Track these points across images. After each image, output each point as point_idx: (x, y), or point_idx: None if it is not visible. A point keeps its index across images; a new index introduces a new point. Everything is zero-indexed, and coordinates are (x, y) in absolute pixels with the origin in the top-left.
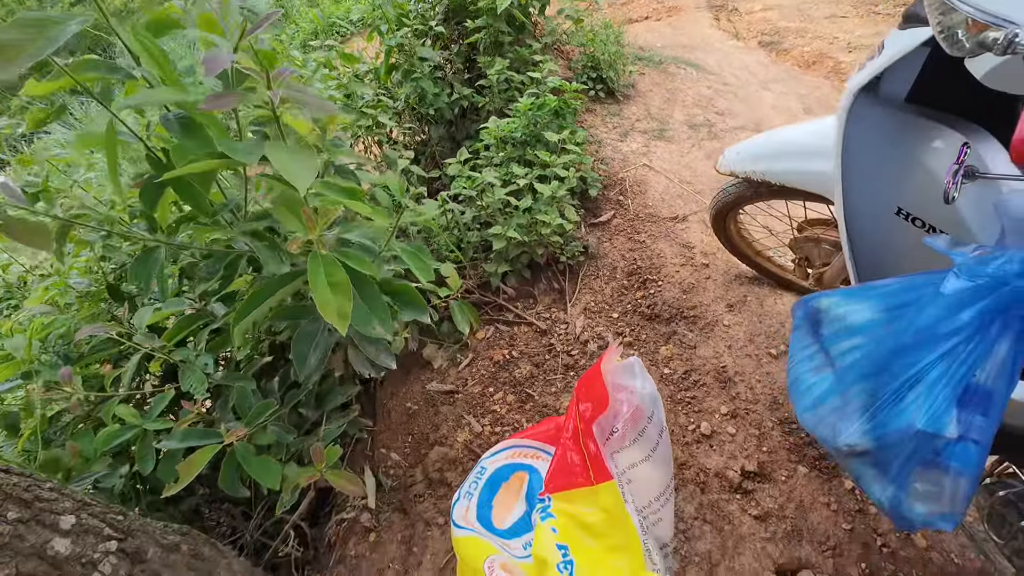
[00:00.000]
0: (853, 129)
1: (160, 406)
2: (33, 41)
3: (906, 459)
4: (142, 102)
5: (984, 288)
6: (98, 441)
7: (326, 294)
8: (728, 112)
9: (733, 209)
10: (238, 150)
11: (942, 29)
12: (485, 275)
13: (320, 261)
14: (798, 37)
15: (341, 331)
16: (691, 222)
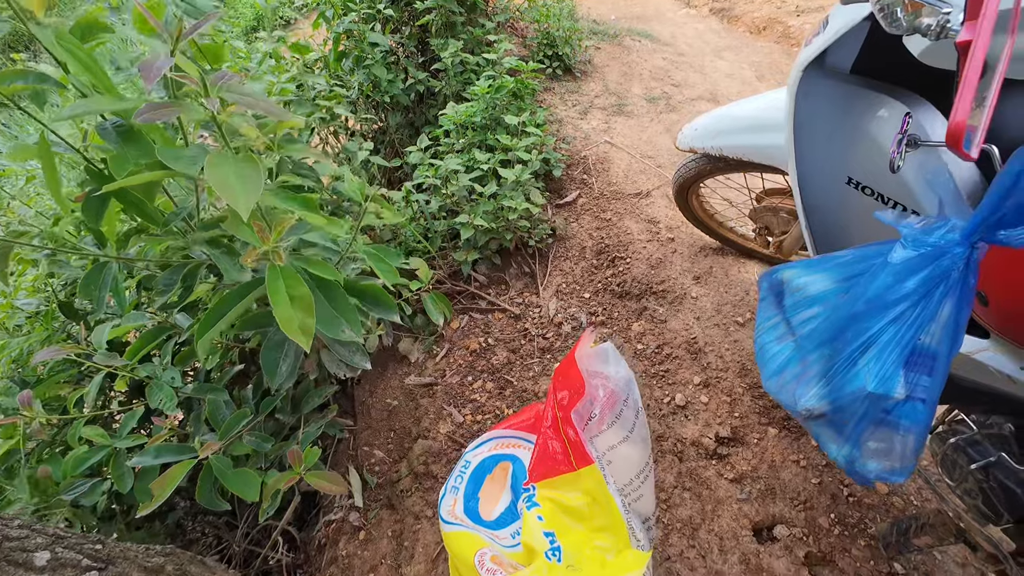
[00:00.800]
0: (802, 102)
1: (130, 423)
2: None
3: (859, 419)
4: (75, 113)
5: (928, 256)
6: (67, 465)
7: (287, 309)
8: (684, 83)
9: (694, 183)
10: (180, 159)
11: (881, 7)
12: (455, 264)
13: (279, 274)
14: (748, 3)
15: (305, 347)
16: (655, 197)
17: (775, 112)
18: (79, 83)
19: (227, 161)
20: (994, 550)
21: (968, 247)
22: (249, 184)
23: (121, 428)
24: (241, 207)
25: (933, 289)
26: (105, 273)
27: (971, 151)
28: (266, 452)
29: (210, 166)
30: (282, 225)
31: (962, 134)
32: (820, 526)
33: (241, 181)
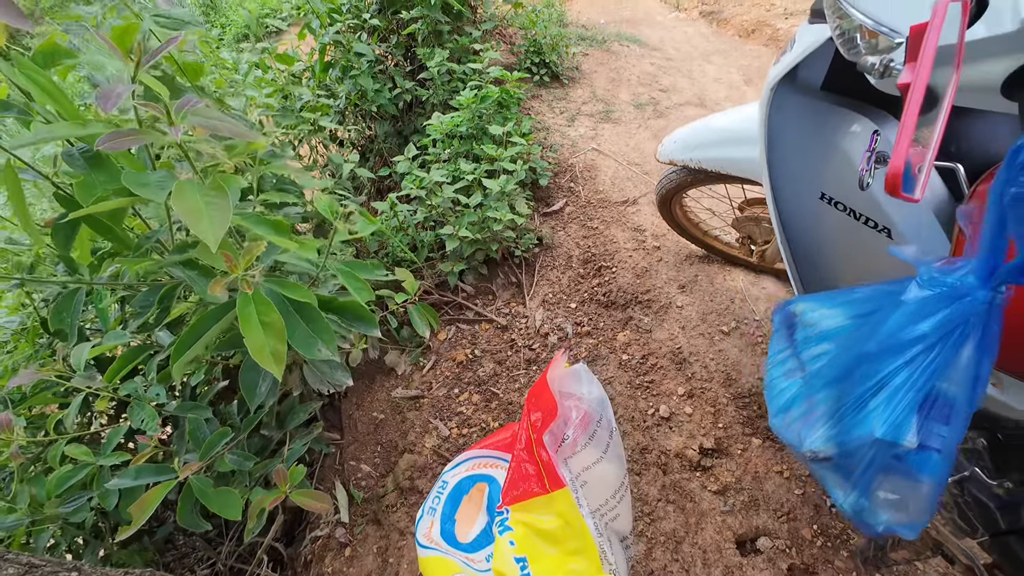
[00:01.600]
0: (775, 117)
1: (114, 441)
2: None
3: (867, 466)
4: (36, 140)
5: (945, 298)
6: (50, 484)
7: (259, 336)
8: (672, 88)
9: (677, 194)
10: (147, 186)
11: (840, 33)
12: (442, 274)
13: (250, 300)
14: (737, 5)
15: (276, 374)
16: (641, 204)
17: (751, 125)
18: (43, 111)
19: (194, 189)
20: (970, 563)
21: (990, 291)
22: (217, 213)
23: (105, 446)
24: (210, 239)
25: (950, 333)
26: (76, 299)
27: (914, 193)
28: (250, 470)
29: (177, 195)
30: (251, 253)
31: (899, 179)
32: (803, 538)
33: (209, 210)
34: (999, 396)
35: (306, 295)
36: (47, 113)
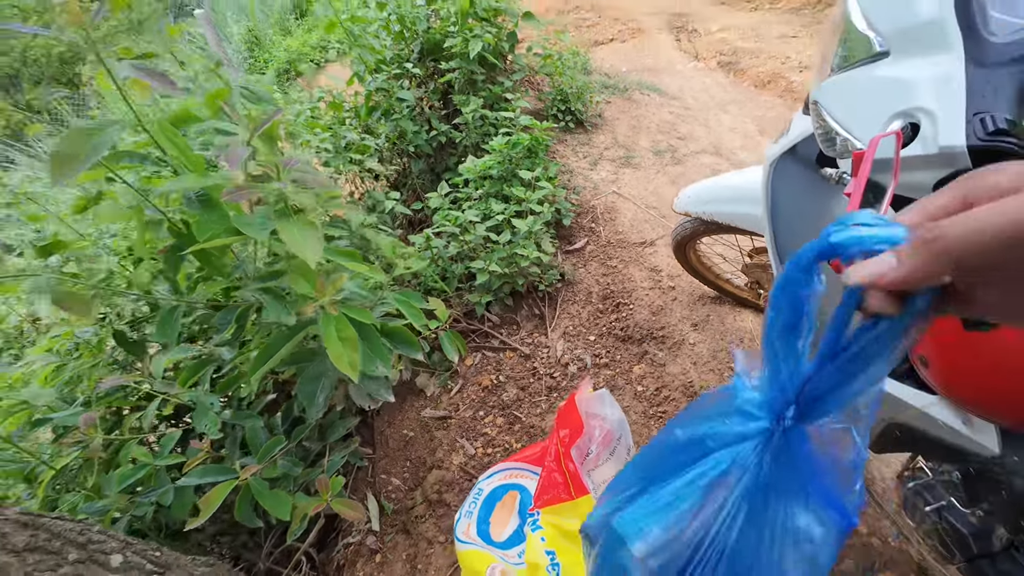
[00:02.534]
0: (776, 183)
1: (169, 445)
2: (84, 150)
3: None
4: (174, 188)
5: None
6: (116, 479)
7: (338, 348)
8: (689, 136)
9: (691, 241)
10: (252, 226)
11: (821, 132)
12: (470, 304)
13: (331, 320)
14: (753, 57)
15: (353, 378)
16: (658, 246)
17: (758, 186)
18: (173, 161)
19: (295, 225)
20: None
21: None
22: (313, 243)
23: (162, 449)
24: (311, 260)
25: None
26: (176, 315)
27: None
28: (295, 476)
29: (283, 230)
30: (335, 284)
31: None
32: None
33: (306, 241)
34: (969, 434)
35: (369, 318)
36: (177, 165)
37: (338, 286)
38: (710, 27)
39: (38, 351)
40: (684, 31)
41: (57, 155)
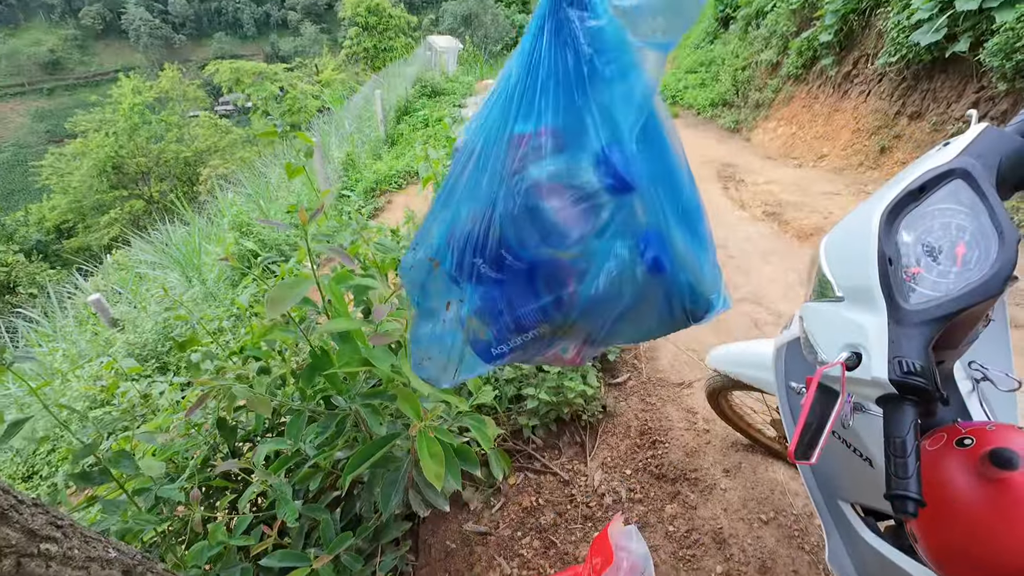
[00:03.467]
0: (789, 360)
1: (243, 526)
2: (288, 296)
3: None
4: (329, 329)
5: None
6: (192, 554)
7: (428, 462)
8: (730, 284)
9: (723, 391)
10: (378, 358)
11: (804, 340)
12: (518, 425)
13: (425, 438)
14: (796, 210)
15: (437, 487)
16: (695, 388)
17: None
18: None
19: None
20: None
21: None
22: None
23: (235, 529)
24: (423, 388)
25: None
26: (302, 419)
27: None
28: (354, 572)
29: (405, 366)
30: (435, 411)
31: (792, 455)
32: None
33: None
34: None
35: (451, 438)
36: (333, 311)
37: (437, 413)
38: (756, 179)
39: (151, 426)
40: (732, 180)
41: (272, 299)
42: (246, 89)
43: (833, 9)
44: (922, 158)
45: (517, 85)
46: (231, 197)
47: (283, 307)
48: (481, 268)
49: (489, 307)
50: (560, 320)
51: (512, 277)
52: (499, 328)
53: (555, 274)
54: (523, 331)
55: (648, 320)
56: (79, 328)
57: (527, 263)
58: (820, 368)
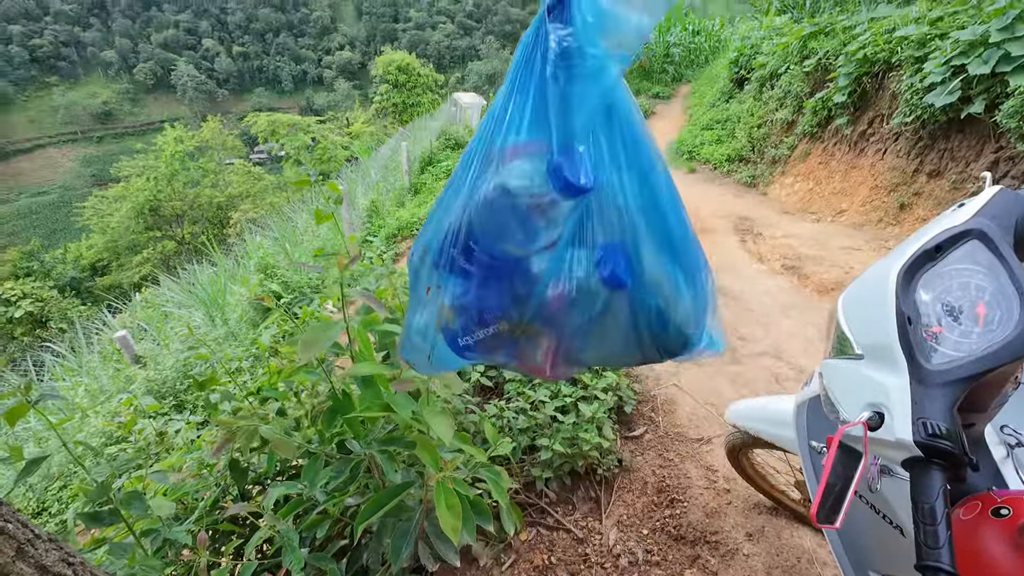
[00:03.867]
0: (810, 416)
1: (247, 574)
2: (321, 339)
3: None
4: (354, 373)
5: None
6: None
7: (446, 515)
8: (750, 338)
9: (743, 449)
10: (400, 404)
11: (825, 397)
12: (531, 477)
13: (442, 489)
14: (816, 264)
15: (454, 541)
16: (715, 444)
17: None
18: (356, 354)
19: (434, 411)
20: None
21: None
22: (447, 426)
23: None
24: (446, 439)
25: None
26: (319, 463)
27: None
28: None
29: (426, 414)
30: (454, 463)
31: (813, 518)
32: None
33: (442, 423)
34: None
35: (467, 491)
36: (358, 355)
37: (456, 464)
38: (775, 232)
39: (165, 465)
40: (750, 233)
41: (305, 341)
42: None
43: (846, 72)
44: (937, 218)
45: (502, 97)
46: (259, 240)
47: (317, 350)
48: (455, 257)
49: (459, 296)
50: (516, 318)
51: (478, 269)
52: (465, 319)
53: (512, 272)
54: (485, 325)
55: (614, 341)
56: (103, 364)
57: (488, 257)
58: (841, 427)
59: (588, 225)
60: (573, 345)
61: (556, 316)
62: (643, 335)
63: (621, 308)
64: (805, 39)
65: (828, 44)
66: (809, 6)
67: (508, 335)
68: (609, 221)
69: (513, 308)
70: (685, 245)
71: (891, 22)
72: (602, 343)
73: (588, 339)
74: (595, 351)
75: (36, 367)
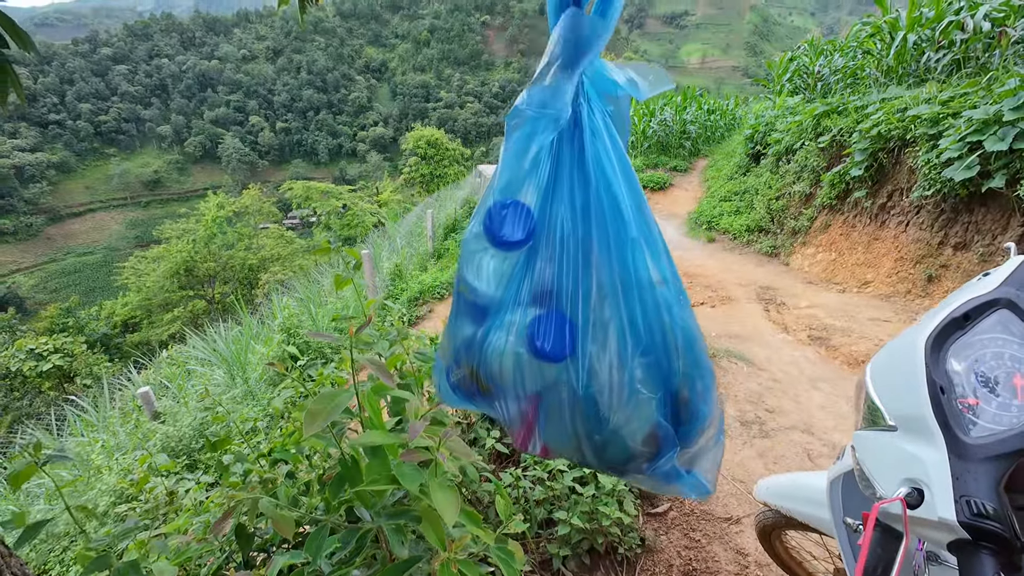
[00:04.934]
0: (844, 493)
1: None
2: (327, 409)
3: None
4: (362, 443)
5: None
6: None
7: None
8: (778, 410)
9: (775, 530)
10: (407, 477)
11: (859, 471)
12: (547, 554)
13: (448, 572)
14: (844, 336)
15: None
16: (744, 525)
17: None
18: (366, 420)
19: (439, 485)
20: None
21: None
22: (451, 505)
23: None
24: (448, 519)
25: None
26: (324, 531)
27: None
28: None
29: (433, 489)
30: (462, 542)
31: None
32: None
33: (447, 501)
34: None
35: (476, 572)
36: (368, 422)
37: (463, 544)
38: (799, 302)
39: (171, 528)
40: (773, 303)
41: (310, 412)
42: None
43: (861, 148)
44: (963, 287)
45: None
46: (285, 301)
47: (323, 422)
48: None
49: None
50: (469, 364)
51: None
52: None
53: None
54: (458, 364)
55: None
56: (122, 420)
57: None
58: (877, 503)
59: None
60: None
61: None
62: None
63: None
64: (819, 117)
65: (841, 122)
66: (820, 88)
67: (471, 382)
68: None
69: (466, 352)
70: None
71: (903, 102)
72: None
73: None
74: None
75: (58, 421)
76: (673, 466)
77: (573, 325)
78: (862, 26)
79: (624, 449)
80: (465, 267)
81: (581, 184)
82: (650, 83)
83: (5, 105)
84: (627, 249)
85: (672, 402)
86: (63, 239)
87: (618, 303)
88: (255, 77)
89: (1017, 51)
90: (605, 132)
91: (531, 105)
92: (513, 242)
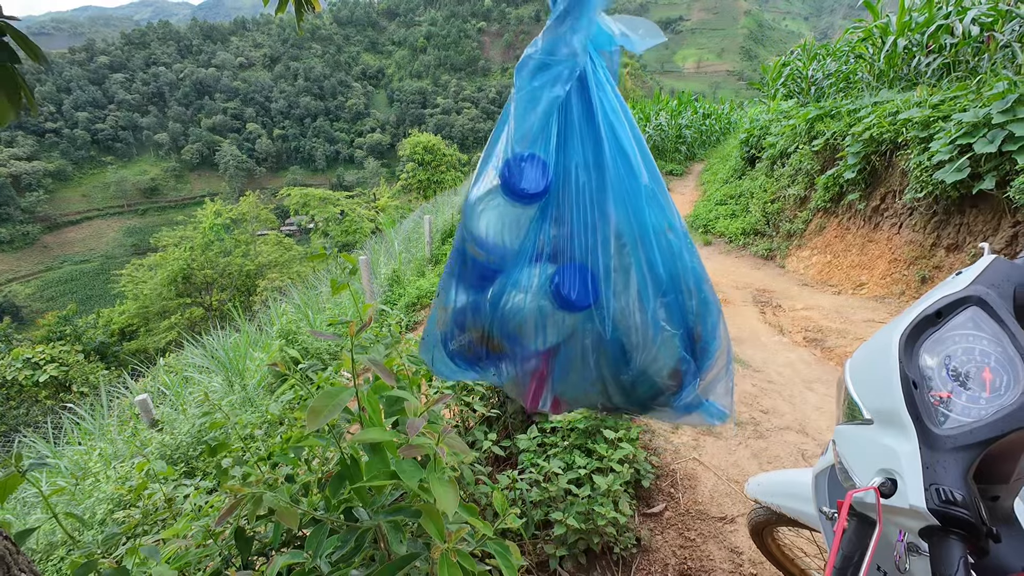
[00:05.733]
0: (829, 487)
1: None
2: (328, 407)
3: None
4: (362, 439)
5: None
6: None
7: None
8: (773, 411)
9: (767, 527)
10: (407, 473)
11: (839, 464)
12: (544, 555)
13: (447, 563)
14: (840, 337)
15: None
16: (739, 524)
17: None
18: (365, 420)
19: (439, 479)
20: None
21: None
22: (451, 496)
23: None
24: (449, 511)
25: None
26: (324, 531)
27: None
28: None
29: (433, 484)
30: (459, 534)
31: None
32: None
33: (447, 493)
34: None
35: (473, 565)
36: (367, 421)
37: (461, 535)
38: (794, 304)
39: (169, 533)
40: (769, 305)
41: (312, 409)
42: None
43: (853, 151)
44: (937, 286)
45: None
46: (283, 307)
47: (325, 418)
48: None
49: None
50: (480, 326)
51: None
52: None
53: (479, 275)
54: (462, 330)
55: (578, 374)
56: (120, 427)
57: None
58: (851, 492)
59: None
60: (550, 374)
61: (516, 331)
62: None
63: (582, 335)
64: (812, 121)
65: (834, 126)
66: (814, 92)
67: (479, 344)
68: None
69: (474, 315)
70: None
71: (894, 106)
72: (568, 375)
73: (562, 369)
74: (565, 384)
75: (55, 430)
76: (696, 396)
77: (594, 274)
78: (853, 31)
79: (652, 385)
80: (474, 226)
81: (592, 136)
82: (641, 36)
83: (17, 116)
84: (640, 198)
85: (688, 338)
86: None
87: (637, 249)
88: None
89: (1005, 55)
90: (608, 85)
91: (545, 52)
92: (533, 194)
